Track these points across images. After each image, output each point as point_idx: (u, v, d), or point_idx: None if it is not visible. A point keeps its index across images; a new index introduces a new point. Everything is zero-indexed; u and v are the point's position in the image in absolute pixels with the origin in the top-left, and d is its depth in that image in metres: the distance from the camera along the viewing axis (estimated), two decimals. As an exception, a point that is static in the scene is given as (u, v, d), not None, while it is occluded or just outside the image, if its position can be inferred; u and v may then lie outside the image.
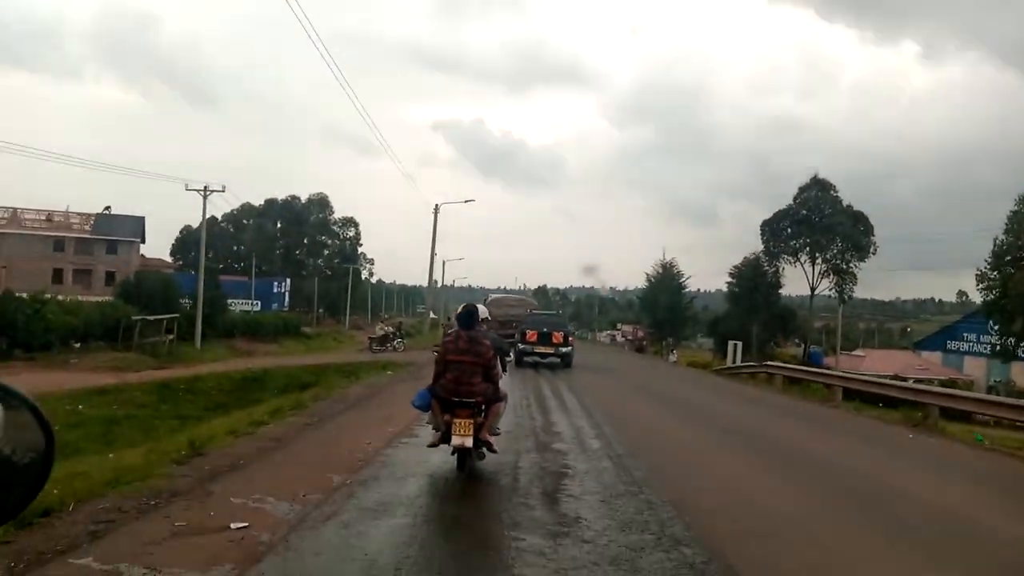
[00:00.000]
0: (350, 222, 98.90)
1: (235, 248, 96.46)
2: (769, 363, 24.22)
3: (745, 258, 47.51)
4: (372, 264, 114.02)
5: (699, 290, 65.38)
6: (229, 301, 71.09)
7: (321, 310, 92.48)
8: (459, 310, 8.11)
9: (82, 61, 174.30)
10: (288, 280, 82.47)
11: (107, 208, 58.40)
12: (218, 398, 24.96)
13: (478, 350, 7.24)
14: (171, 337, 37.44)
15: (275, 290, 77.12)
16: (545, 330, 24.46)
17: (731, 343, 33.57)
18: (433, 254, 40.37)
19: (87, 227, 56.42)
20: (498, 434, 7.94)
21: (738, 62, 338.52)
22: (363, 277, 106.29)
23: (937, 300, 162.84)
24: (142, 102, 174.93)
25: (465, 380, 7.18)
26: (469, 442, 7.10)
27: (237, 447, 9.19)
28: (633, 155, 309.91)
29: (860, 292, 56.02)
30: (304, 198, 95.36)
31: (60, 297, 36.74)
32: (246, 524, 5.62)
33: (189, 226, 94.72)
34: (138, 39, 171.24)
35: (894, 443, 11.39)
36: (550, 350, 24.14)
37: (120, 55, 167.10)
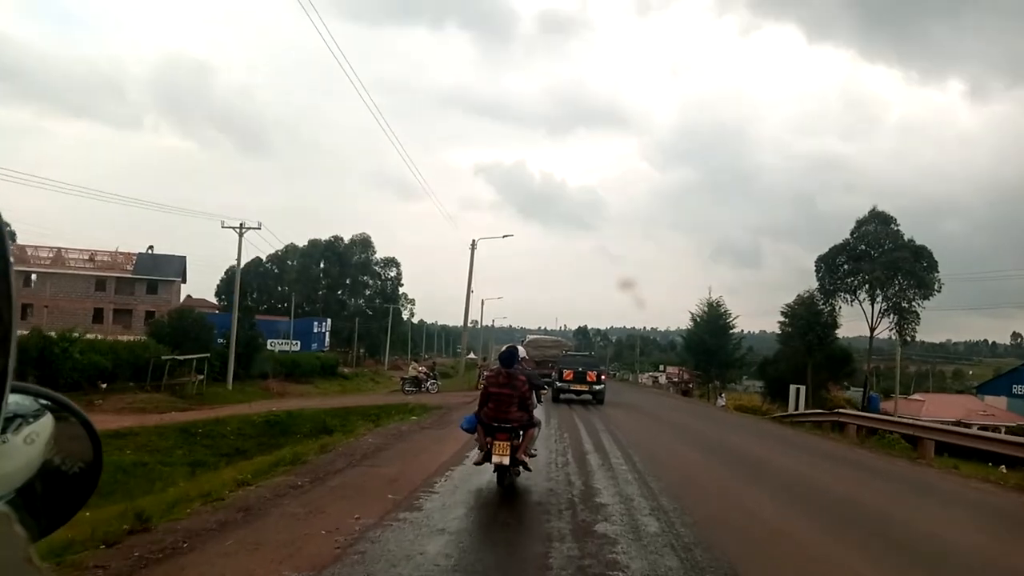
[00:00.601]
0: (391, 262, 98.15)
1: (279, 288, 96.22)
2: (841, 411, 21.37)
3: (799, 296, 44.14)
4: (413, 304, 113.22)
5: (743, 331, 62.06)
6: (269, 341, 70.27)
7: (362, 350, 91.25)
8: (501, 350, 9.38)
9: (142, 110, 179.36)
10: (328, 320, 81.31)
11: (150, 248, 58.00)
12: (236, 443, 23.17)
13: (515, 384, 8.40)
14: (200, 377, 35.91)
15: (315, 330, 75.98)
16: (580, 369, 25.79)
17: (793, 387, 30.37)
18: (469, 291, 38.37)
19: (129, 267, 55.93)
20: (534, 455, 9.13)
21: (780, 103, 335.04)
22: (404, 317, 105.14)
23: (990, 342, 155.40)
24: (197, 149, 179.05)
25: (503, 409, 8.32)
26: (507, 461, 8.17)
27: (194, 520, 7.14)
28: (674, 196, 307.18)
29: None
30: (347, 239, 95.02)
31: (91, 336, 35.61)
32: None
33: (235, 267, 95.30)
34: (194, 89, 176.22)
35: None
36: (584, 388, 25.33)
37: (177, 104, 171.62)
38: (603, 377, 26.51)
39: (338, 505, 7.84)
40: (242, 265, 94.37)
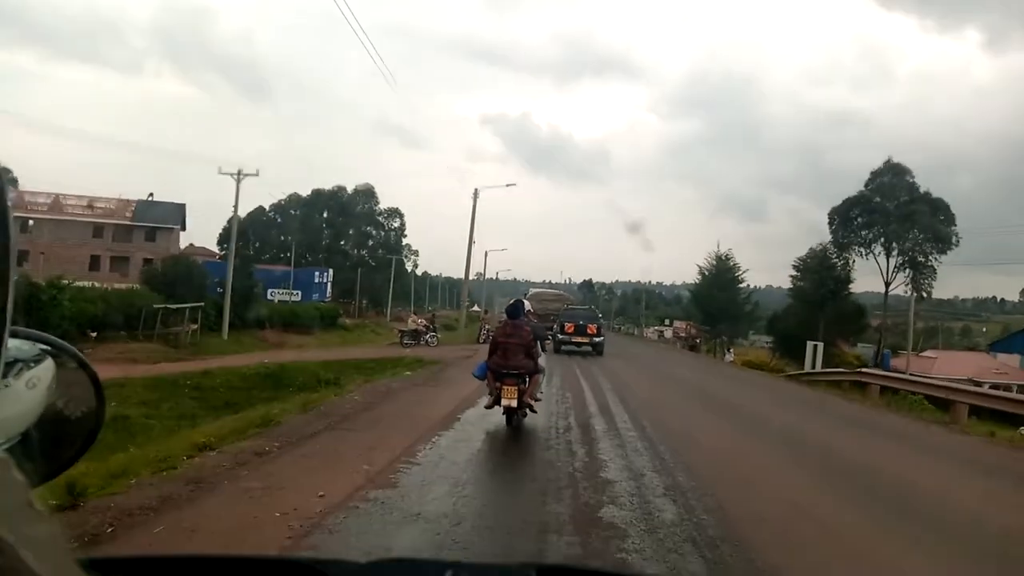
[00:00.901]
0: (395, 212, 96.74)
1: (282, 238, 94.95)
2: (864, 370, 20.18)
3: (811, 249, 42.38)
4: (417, 256, 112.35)
5: (749, 286, 60.46)
6: (269, 291, 69.34)
7: (365, 301, 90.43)
8: (508, 304, 10.22)
9: (143, 55, 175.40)
10: (330, 271, 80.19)
11: (150, 195, 56.53)
12: (227, 396, 22.16)
13: (521, 335, 9.12)
14: (194, 327, 34.90)
15: (316, 280, 75.01)
16: (581, 323, 27.11)
17: (811, 344, 28.79)
18: (472, 242, 37.00)
19: (128, 214, 54.63)
20: (539, 399, 9.77)
21: (791, 53, 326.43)
22: (408, 269, 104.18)
23: (999, 299, 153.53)
24: (200, 96, 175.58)
25: (511, 357, 9.01)
26: (514, 403, 8.92)
27: (133, 494, 6.08)
28: (682, 149, 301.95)
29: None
30: (351, 188, 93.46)
31: (84, 283, 34.59)
32: None
33: (236, 215, 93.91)
34: (196, 34, 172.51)
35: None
36: (585, 339, 26.53)
37: (179, 50, 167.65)
38: (601, 330, 28.12)
39: (303, 479, 6.75)
40: (245, 214, 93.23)
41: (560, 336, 25.99)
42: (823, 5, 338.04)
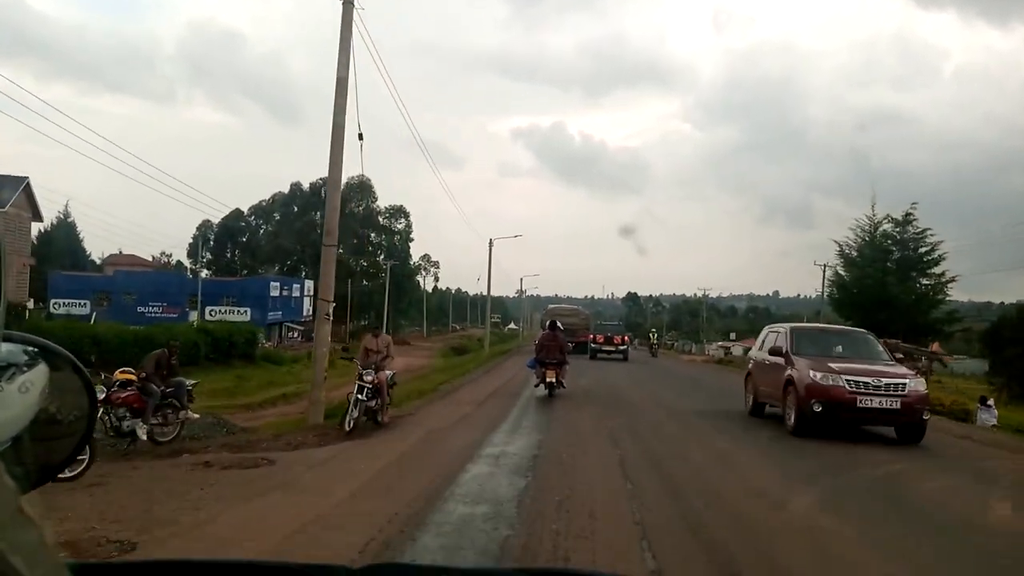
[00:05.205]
0: (399, 212, 75.24)
1: (264, 245, 74.15)
2: None
3: None
4: (437, 268, 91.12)
5: (800, 296, 36.89)
6: (208, 309, 48.12)
7: (368, 320, 68.81)
8: (548, 321, 18.74)
9: (174, 83, 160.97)
10: (306, 282, 58.77)
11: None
12: None
13: (557, 340, 15.10)
14: None
15: (280, 293, 53.41)
16: (609, 335, 33.31)
17: None
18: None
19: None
20: (564, 379, 15.14)
21: (829, 54, 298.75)
22: (426, 284, 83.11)
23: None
24: (231, 120, 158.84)
25: (551, 353, 14.84)
26: (553, 380, 14.58)
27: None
28: (720, 156, 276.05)
29: None
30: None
31: None
32: None
33: (209, 221, 72.92)
34: (226, 61, 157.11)
35: None
36: (612, 348, 32.26)
37: (209, 76, 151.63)
38: (626, 339, 34.56)
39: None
40: (220, 218, 71.02)
41: (592, 345, 30.92)
42: (859, 5, 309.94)
